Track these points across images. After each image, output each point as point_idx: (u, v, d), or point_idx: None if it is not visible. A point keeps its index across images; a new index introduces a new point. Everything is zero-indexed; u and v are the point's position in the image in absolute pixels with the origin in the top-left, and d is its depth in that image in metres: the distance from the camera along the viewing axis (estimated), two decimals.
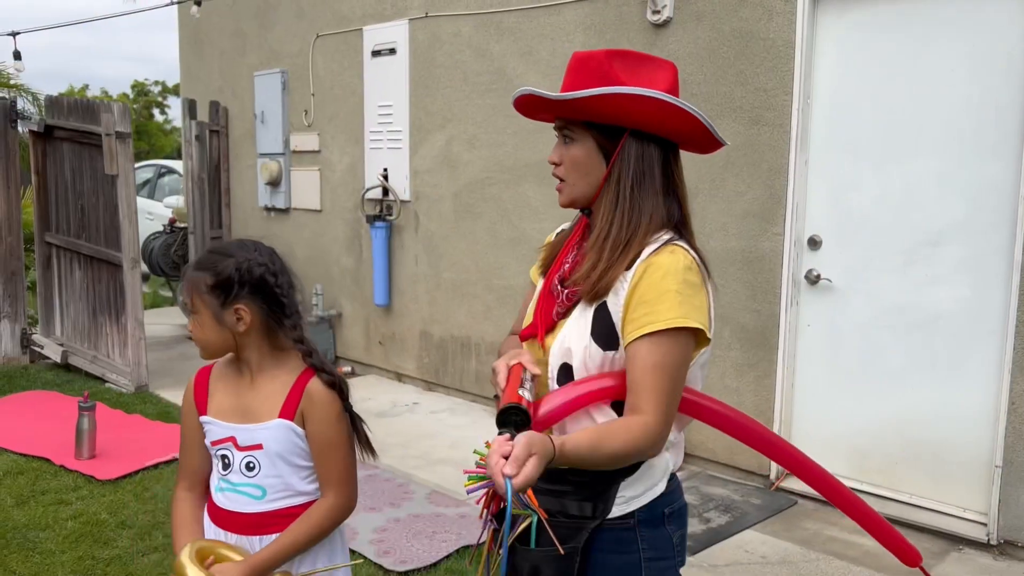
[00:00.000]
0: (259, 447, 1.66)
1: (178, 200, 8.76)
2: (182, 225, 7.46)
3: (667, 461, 1.53)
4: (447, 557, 3.29)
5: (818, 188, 3.89)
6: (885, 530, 1.85)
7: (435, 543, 3.42)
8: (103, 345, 5.86)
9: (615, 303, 1.44)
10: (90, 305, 5.96)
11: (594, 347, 1.45)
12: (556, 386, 1.49)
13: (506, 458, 1.25)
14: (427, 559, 3.27)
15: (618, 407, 1.47)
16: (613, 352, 1.44)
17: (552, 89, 1.50)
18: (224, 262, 1.64)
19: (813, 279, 3.91)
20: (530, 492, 1.46)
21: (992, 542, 3.39)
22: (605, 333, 1.44)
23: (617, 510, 1.48)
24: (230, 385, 1.70)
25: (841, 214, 3.84)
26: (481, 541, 1.60)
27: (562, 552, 1.44)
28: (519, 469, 1.24)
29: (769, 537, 3.54)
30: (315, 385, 1.67)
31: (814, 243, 3.92)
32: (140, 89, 36.91)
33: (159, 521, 3.58)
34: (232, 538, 1.69)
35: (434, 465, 4.39)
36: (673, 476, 1.57)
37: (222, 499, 1.70)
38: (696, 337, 1.43)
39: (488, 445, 1.60)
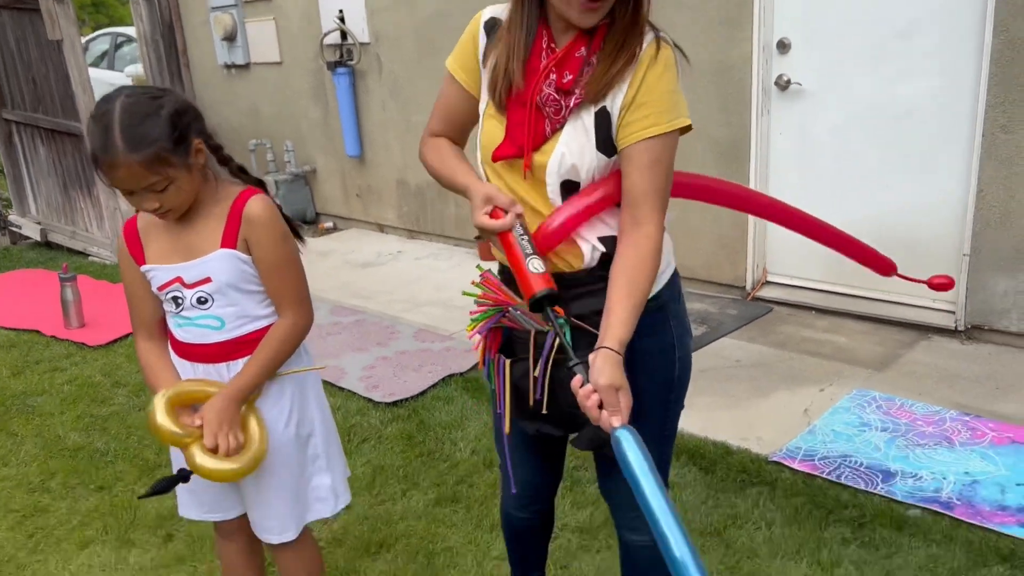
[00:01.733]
0: (207, 281, 1.65)
1: (137, 68, 8.45)
2: None
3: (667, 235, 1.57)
4: (434, 386, 3.40)
5: None
6: (860, 248, 2.23)
7: (422, 375, 3.52)
8: (80, 220, 5.82)
9: (614, 105, 1.42)
10: (60, 180, 5.87)
11: (600, 157, 1.45)
12: (560, 202, 1.48)
13: (600, 407, 1.31)
14: (415, 389, 3.38)
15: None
16: (615, 157, 1.45)
17: None
18: (161, 115, 1.53)
19: (783, 84, 3.82)
20: (557, 308, 1.49)
21: (960, 328, 3.49)
22: (605, 138, 1.44)
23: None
24: (163, 230, 1.66)
25: (809, 13, 3.69)
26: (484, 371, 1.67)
27: None
28: (623, 413, 1.32)
29: (744, 343, 3.65)
30: (253, 207, 1.64)
31: (783, 47, 3.79)
32: None
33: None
34: (200, 368, 1.72)
35: (420, 307, 4.46)
36: None
37: (183, 334, 1.72)
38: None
39: (476, 284, 1.61)
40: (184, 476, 1.66)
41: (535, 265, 1.40)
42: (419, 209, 5.70)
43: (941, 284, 2.22)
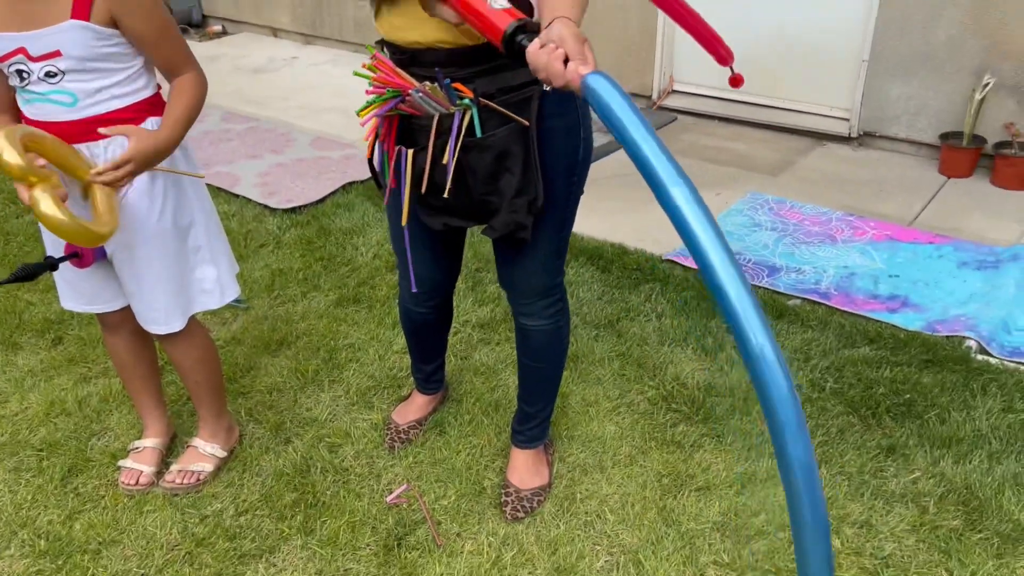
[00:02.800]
0: (56, 54, 1.49)
1: None
2: None
3: None
4: (333, 193, 3.31)
5: None
6: (706, 31, 2.33)
7: (321, 182, 3.42)
8: None
9: None
10: None
11: None
12: None
13: (565, 62, 1.15)
14: (313, 196, 3.28)
15: None
16: None
17: None
18: None
19: None
20: (457, 84, 1.40)
21: (853, 135, 3.59)
22: None
23: None
24: None
25: None
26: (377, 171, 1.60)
27: (526, 123, 1.44)
28: (590, 60, 1.15)
29: None
30: None
31: None
32: None
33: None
34: None
35: (318, 114, 4.26)
36: None
37: (31, 111, 1.57)
38: None
39: (368, 66, 1.49)
40: (52, 264, 1.57)
41: (498, 2, 1.26)
42: (315, 11, 5.32)
43: (735, 79, 2.53)
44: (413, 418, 2.07)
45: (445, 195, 1.51)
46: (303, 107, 4.36)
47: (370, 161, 1.64)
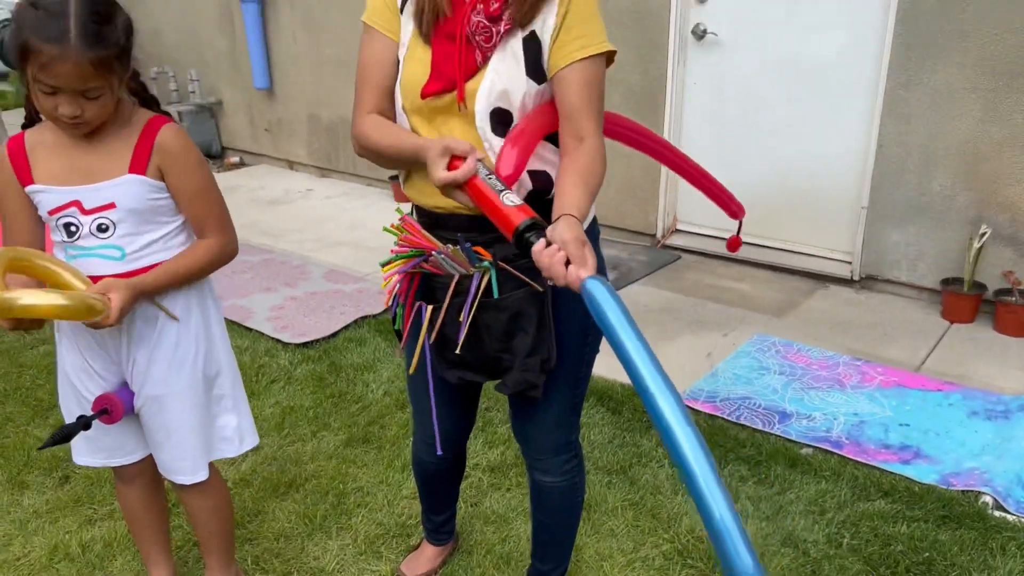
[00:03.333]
0: (111, 206, 1.57)
1: None
2: None
3: None
4: (346, 327, 3.36)
5: None
6: (717, 187, 2.36)
7: (334, 316, 3.47)
8: None
9: (543, 29, 1.42)
10: None
11: (531, 84, 1.43)
12: (490, 134, 1.45)
13: (567, 264, 1.24)
14: (326, 330, 3.33)
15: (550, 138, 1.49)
16: (544, 85, 1.45)
17: None
18: (117, 23, 1.46)
19: (700, 34, 3.85)
20: (478, 248, 1.47)
21: (855, 278, 3.67)
22: (534, 64, 1.43)
23: None
24: (55, 150, 1.55)
25: None
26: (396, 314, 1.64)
27: (541, 290, 1.50)
28: (590, 264, 1.25)
29: (653, 289, 3.73)
30: (167, 135, 1.56)
31: None
32: None
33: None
34: None
35: (332, 247, 4.37)
36: None
37: (76, 266, 1.63)
38: None
39: (396, 227, 1.57)
40: (85, 423, 1.59)
41: (510, 199, 1.34)
42: (331, 146, 5.54)
43: (733, 241, 2.64)
44: (423, 571, 2.03)
45: (457, 351, 1.54)
46: (317, 239, 4.48)
47: (392, 317, 1.68)
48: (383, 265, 1.60)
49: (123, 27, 1.48)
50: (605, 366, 2.94)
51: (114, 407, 1.67)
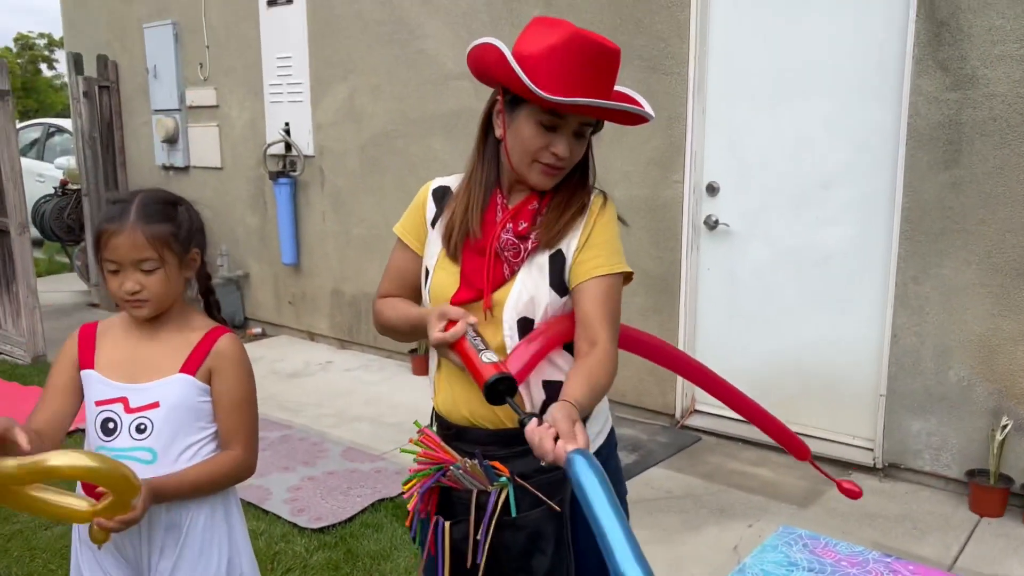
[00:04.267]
0: (155, 406, 1.61)
1: (69, 161, 8.31)
2: (75, 187, 7.10)
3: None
4: (362, 511, 3.32)
5: (715, 135, 3.98)
6: (780, 429, 2.26)
7: (350, 498, 3.43)
8: None
9: (568, 248, 1.53)
10: None
11: (554, 296, 1.53)
12: (516, 339, 1.52)
13: (555, 440, 1.26)
14: (342, 515, 3.28)
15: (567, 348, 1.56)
16: (566, 298, 1.54)
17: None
18: (178, 210, 1.64)
19: (712, 224, 4.03)
20: (496, 463, 1.50)
21: (878, 466, 3.63)
22: (558, 281, 1.53)
23: (590, 447, 1.54)
24: (120, 340, 1.64)
25: (738, 160, 3.95)
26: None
27: (558, 509, 1.52)
28: (580, 440, 1.26)
29: (674, 473, 3.70)
30: (226, 342, 1.64)
31: (712, 189, 4.03)
32: (24, 42, 34.63)
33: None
34: None
35: (349, 422, 4.39)
36: None
37: None
38: None
39: (415, 441, 1.62)
40: None
41: (487, 357, 1.39)
42: (352, 319, 5.68)
43: (850, 491, 2.34)
44: None
45: (480, 570, 1.53)
46: (336, 414, 4.50)
47: (410, 529, 1.68)
48: (404, 484, 1.63)
49: (184, 214, 1.64)
50: None
51: None
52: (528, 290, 1.52)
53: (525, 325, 1.53)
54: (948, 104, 3.28)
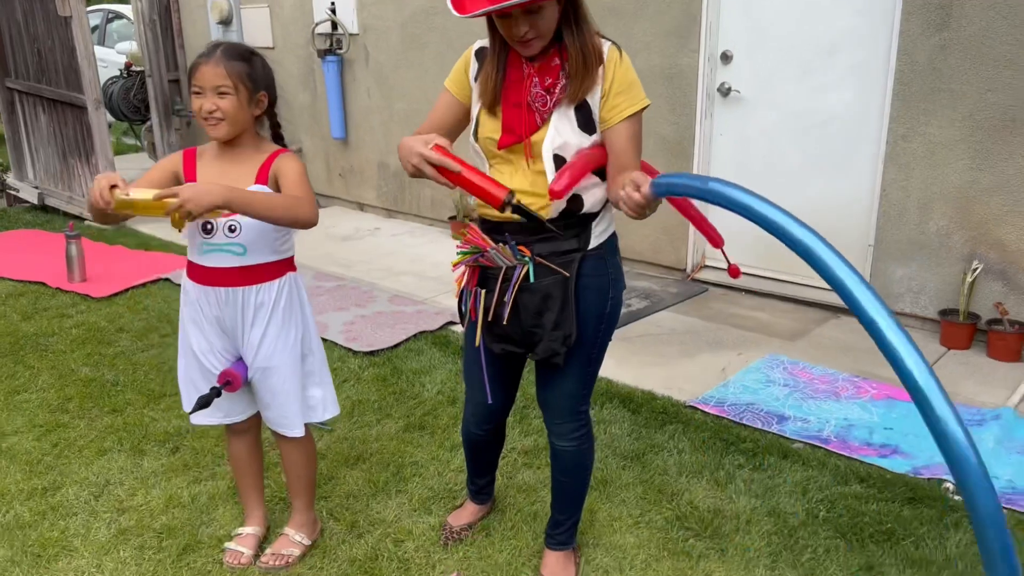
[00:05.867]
0: None
1: (131, 45, 8.77)
2: (138, 69, 7.58)
3: (612, 207, 2.06)
4: (407, 340, 3.87)
5: (730, 5, 4.23)
6: (700, 219, 2.39)
7: (396, 331, 3.99)
8: (76, 186, 6.19)
9: (594, 98, 1.93)
10: (59, 148, 6.23)
11: (583, 137, 1.94)
12: (553, 172, 1.94)
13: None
14: (389, 342, 3.85)
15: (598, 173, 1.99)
16: (593, 137, 1.96)
17: None
18: (254, 60, 2.08)
19: (725, 91, 4.33)
20: (521, 246, 1.97)
21: None
22: (585, 122, 1.94)
23: (594, 241, 2.03)
24: (212, 162, 2.12)
25: (750, 29, 4.21)
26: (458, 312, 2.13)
27: (566, 275, 1.99)
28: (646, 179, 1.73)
29: (680, 315, 4.16)
30: (284, 156, 2.12)
31: (726, 58, 4.31)
32: None
33: (153, 326, 4.10)
34: (221, 292, 2.15)
35: (396, 276, 4.92)
36: None
37: (207, 260, 2.15)
38: None
39: (469, 226, 2.08)
40: (217, 392, 2.13)
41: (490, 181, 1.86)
42: (397, 190, 6.15)
43: (734, 270, 2.53)
44: (465, 522, 2.49)
45: (504, 322, 2.03)
46: (384, 269, 5.04)
47: (458, 301, 2.18)
48: (453, 263, 2.11)
49: (258, 62, 2.09)
50: (628, 376, 3.40)
51: (235, 379, 2.19)
52: (561, 135, 1.94)
53: (559, 160, 1.96)
54: None
